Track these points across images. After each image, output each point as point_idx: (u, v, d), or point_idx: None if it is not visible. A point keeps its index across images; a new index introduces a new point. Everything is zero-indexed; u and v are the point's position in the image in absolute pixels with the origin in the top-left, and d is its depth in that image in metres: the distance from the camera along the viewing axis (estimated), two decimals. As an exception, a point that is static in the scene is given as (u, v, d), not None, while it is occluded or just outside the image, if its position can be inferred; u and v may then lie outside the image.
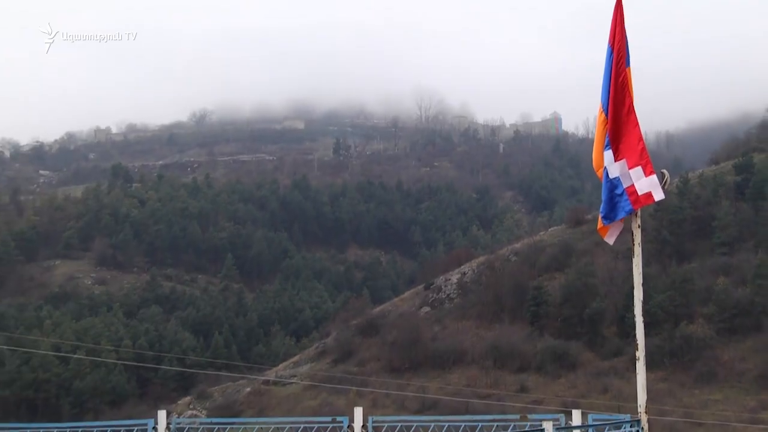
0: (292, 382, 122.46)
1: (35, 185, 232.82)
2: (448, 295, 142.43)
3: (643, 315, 18.19)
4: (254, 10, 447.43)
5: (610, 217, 17.30)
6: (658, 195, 17.16)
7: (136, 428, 18.29)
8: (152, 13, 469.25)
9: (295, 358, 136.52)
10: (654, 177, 17.10)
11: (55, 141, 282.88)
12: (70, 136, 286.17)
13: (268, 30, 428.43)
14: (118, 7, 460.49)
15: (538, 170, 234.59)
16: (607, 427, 17.27)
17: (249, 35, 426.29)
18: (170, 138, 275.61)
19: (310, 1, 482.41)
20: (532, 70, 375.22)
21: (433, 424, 16.49)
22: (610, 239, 17.75)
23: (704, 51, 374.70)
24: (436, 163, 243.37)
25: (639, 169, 17.01)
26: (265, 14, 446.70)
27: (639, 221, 17.73)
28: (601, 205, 17.40)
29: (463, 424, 18.44)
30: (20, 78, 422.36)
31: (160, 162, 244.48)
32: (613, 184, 17.15)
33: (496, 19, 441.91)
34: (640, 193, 17.00)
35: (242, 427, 19.48)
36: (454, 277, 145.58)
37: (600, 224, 17.63)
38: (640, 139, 17.25)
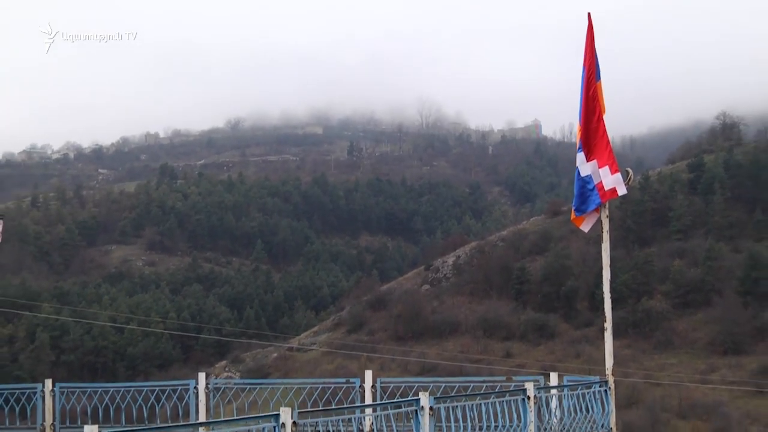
0: (312, 349, 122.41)
1: (95, 182, 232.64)
2: (445, 275, 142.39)
3: (610, 291, 18.25)
4: (281, 30, 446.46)
5: (581, 209, 17.52)
6: (622, 190, 17.50)
7: (180, 387, 18.27)
8: (197, 32, 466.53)
9: (315, 329, 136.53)
10: (618, 175, 17.42)
11: (112, 144, 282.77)
12: (124, 140, 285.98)
13: (292, 48, 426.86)
14: (165, 25, 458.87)
15: (521, 169, 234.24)
16: (580, 387, 17.24)
17: (276, 52, 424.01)
18: (209, 141, 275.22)
19: (328, 23, 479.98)
20: (517, 84, 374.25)
21: (432, 385, 16.48)
22: (585, 228, 17.86)
23: (663, 66, 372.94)
24: (434, 163, 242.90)
25: (606, 168, 17.28)
26: (290, 34, 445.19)
27: (607, 212, 17.82)
28: (574, 199, 17.57)
29: (458, 384, 18.42)
30: (81, 88, 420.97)
31: (201, 162, 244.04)
32: (585, 181, 17.34)
33: (487, 39, 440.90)
34: (606, 189, 17.29)
35: (270, 387, 19.44)
36: (450, 259, 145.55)
37: (573, 216, 17.79)
38: (608, 143, 17.49)
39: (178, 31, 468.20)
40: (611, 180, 17.36)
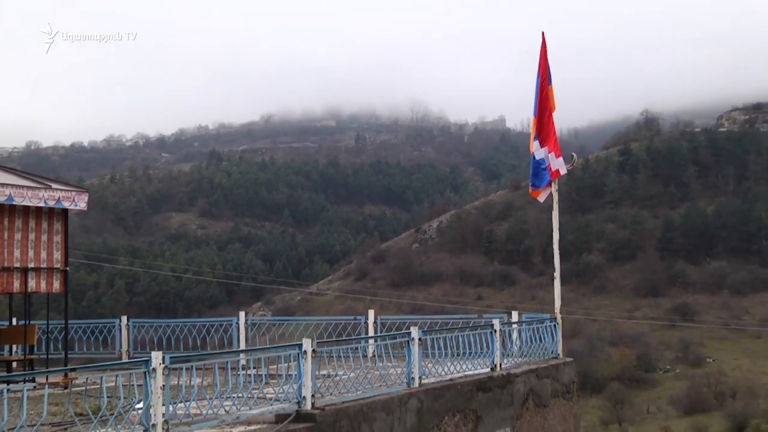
0: (327, 293, 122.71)
1: (159, 163, 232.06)
2: (431, 236, 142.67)
3: (558, 248, 18.26)
4: (304, 43, 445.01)
5: (536, 184, 17.79)
6: (564, 171, 17.76)
7: (225, 323, 18.26)
8: (238, 42, 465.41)
9: (329, 278, 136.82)
10: (561, 159, 17.67)
11: (172, 134, 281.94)
12: (181, 131, 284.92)
13: (312, 57, 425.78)
14: (213, 38, 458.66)
15: (490, 153, 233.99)
16: (535, 322, 17.25)
17: (299, 61, 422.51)
18: (247, 132, 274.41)
19: (340, 38, 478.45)
20: (487, 86, 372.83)
21: (420, 321, 16.46)
22: (540, 199, 18.03)
23: (601, 71, 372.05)
24: (422, 149, 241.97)
25: (554, 153, 17.64)
26: (310, 46, 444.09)
27: (556, 187, 17.83)
28: (530, 177, 17.75)
29: (440, 320, 18.42)
30: (148, 88, 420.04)
31: (240, 148, 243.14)
32: (539, 163, 17.59)
33: (464, 51, 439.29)
34: (554, 169, 17.63)
35: (294, 323, 19.42)
36: (435, 223, 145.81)
37: (530, 190, 17.99)
38: (555, 133, 17.63)
39: (224, 43, 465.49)
40: (557, 163, 17.55)
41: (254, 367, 11.82)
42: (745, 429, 60.11)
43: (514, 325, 16.81)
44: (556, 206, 18.06)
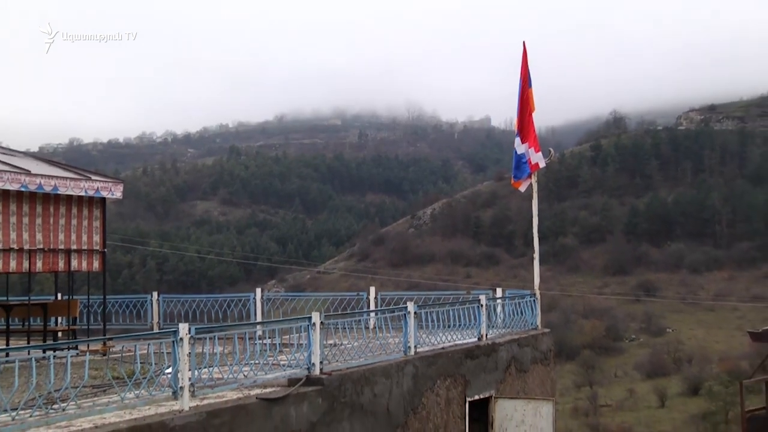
0: (333, 272, 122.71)
1: (185, 157, 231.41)
2: (425, 221, 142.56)
3: (537, 233, 18.25)
4: (314, 51, 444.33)
5: (518, 176, 17.77)
6: (542, 164, 17.70)
7: (243, 298, 18.28)
8: (256, 51, 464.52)
9: (335, 258, 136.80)
10: (540, 154, 17.63)
11: (197, 131, 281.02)
12: (205, 128, 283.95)
13: (322, 63, 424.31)
14: (234, 48, 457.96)
15: (477, 149, 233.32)
16: (516, 298, 17.27)
17: (310, 66, 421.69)
18: (263, 130, 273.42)
19: (346, 46, 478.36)
20: (475, 88, 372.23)
21: (415, 296, 16.48)
22: (522, 189, 18.00)
23: (575, 75, 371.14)
24: (417, 145, 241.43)
25: (533, 149, 17.63)
26: (320, 53, 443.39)
27: (535, 178, 17.82)
28: (513, 170, 17.75)
29: (433, 296, 18.44)
30: (175, 90, 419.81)
31: (257, 144, 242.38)
32: (520, 157, 17.59)
33: (454, 56, 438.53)
34: (533, 163, 17.57)
35: (304, 298, 19.44)
36: (428, 210, 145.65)
37: (512, 181, 18.00)
38: (534, 131, 17.65)
39: (243, 52, 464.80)
40: (536, 157, 17.52)
41: (269, 337, 11.82)
42: (699, 390, 60.25)
43: (498, 300, 16.82)
44: (535, 195, 18.07)
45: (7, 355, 7.91)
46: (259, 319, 17.39)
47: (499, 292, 17.39)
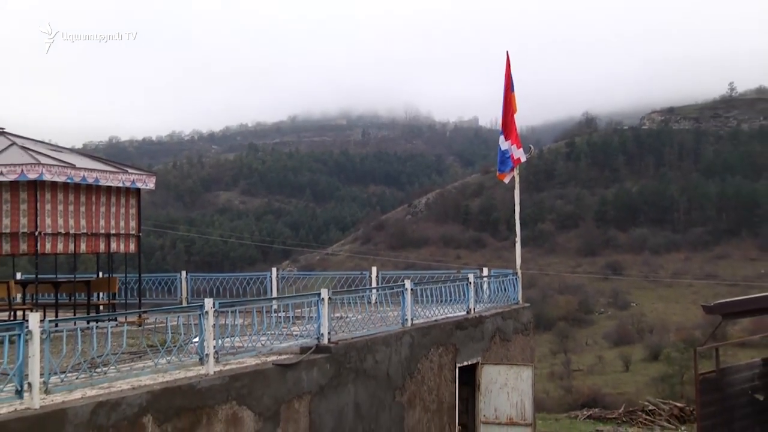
0: (340, 254, 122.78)
1: (209, 153, 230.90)
2: (420, 209, 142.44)
3: (519, 219, 18.22)
4: (323, 58, 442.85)
5: (502, 169, 17.68)
6: (523, 159, 17.57)
7: (261, 276, 18.29)
8: (271, 57, 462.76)
9: (342, 242, 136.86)
10: (522, 150, 17.54)
11: (219, 130, 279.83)
12: (227, 128, 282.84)
13: (330, 69, 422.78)
14: (253, 54, 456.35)
15: (466, 146, 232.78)
16: (500, 276, 17.28)
17: (320, 71, 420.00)
18: (278, 129, 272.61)
19: (352, 53, 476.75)
20: (464, 93, 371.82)
21: (411, 275, 16.50)
22: (506, 180, 17.93)
23: (552, 80, 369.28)
24: (414, 142, 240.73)
25: (515, 145, 17.50)
26: (328, 60, 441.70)
27: (518, 171, 17.78)
28: (497, 164, 17.69)
29: (427, 274, 18.45)
30: (199, 93, 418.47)
31: (273, 141, 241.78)
32: (504, 152, 17.50)
33: (447, 66, 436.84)
34: (515, 157, 17.46)
35: (315, 276, 19.46)
36: (423, 200, 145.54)
37: (497, 174, 17.94)
38: (516, 130, 17.60)
39: (261, 59, 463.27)
40: (518, 153, 17.43)
41: (283, 311, 11.84)
42: (658, 356, 60.35)
43: (485, 279, 16.83)
44: (517, 186, 18.04)
45: (56, 325, 7.95)
46: (274, 294, 17.40)
47: (485, 271, 17.40)
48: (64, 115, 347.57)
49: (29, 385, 7.01)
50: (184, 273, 19.13)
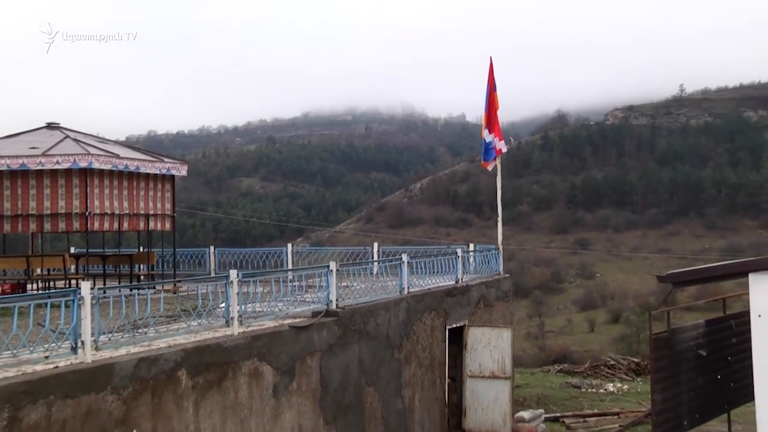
0: (346, 232, 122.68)
1: (234, 144, 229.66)
2: (416, 193, 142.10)
3: (500, 202, 18.20)
4: (334, 59, 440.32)
5: (486, 159, 17.59)
6: (504, 150, 17.45)
7: (278, 251, 18.33)
8: (286, 58, 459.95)
9: (348, 221, 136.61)
10: (503, 142, 17.39)
11: (242, 125, 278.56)
12: (249, 123, 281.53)
13: (338, 71, 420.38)
14: (272, 57, 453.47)
15: (455, 138, 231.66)
16: (485, 251, 17.30)
17: (330, 72, 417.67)
18: (293, 123, 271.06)
19: (355, 56, 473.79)
20: (454, 92, 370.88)
21: (408, 250, 16.50)
22: (490, 168, 17.90)
23: (529, 81, 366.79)
24: (410, 135, 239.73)
25: (498, 138, 17.37)
26: (337, 61, 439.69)
27: (499, 160, 17.76)
28: (482, 154, 17.62)
29: (422, 249, 18.47)
30: (226, 91, 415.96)
31: (289, 134, 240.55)
32: (488, 144, 17.38)
33: (439, 68, 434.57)
34: (497, 149, 17.34)
35: (324, 251, 19.48)
36: (418, 185, 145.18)
37: (482, 163, 17.92)
38: (498, 124, 17.53)
39: (280, 61, 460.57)
40: (500, 144, 17.29)
41: (297, 281, 11.87)
42: (619, 319, 60.57)
43: (471, 253, 16.85)
44: (499, 173, 18.01)
45: (104, 292, 8.01)
46: (290, 266, 17.44)
47: (471, 246, 17.42)
48: (109, 110, 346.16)
49: (82, 342, 7.10)
50: (212, 248, 19.17)
